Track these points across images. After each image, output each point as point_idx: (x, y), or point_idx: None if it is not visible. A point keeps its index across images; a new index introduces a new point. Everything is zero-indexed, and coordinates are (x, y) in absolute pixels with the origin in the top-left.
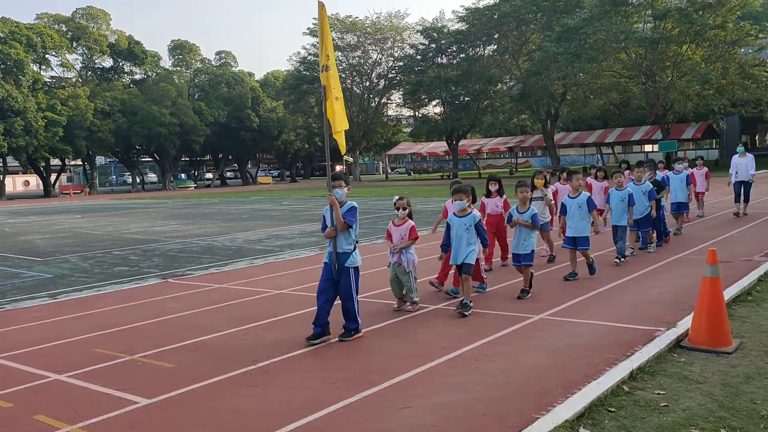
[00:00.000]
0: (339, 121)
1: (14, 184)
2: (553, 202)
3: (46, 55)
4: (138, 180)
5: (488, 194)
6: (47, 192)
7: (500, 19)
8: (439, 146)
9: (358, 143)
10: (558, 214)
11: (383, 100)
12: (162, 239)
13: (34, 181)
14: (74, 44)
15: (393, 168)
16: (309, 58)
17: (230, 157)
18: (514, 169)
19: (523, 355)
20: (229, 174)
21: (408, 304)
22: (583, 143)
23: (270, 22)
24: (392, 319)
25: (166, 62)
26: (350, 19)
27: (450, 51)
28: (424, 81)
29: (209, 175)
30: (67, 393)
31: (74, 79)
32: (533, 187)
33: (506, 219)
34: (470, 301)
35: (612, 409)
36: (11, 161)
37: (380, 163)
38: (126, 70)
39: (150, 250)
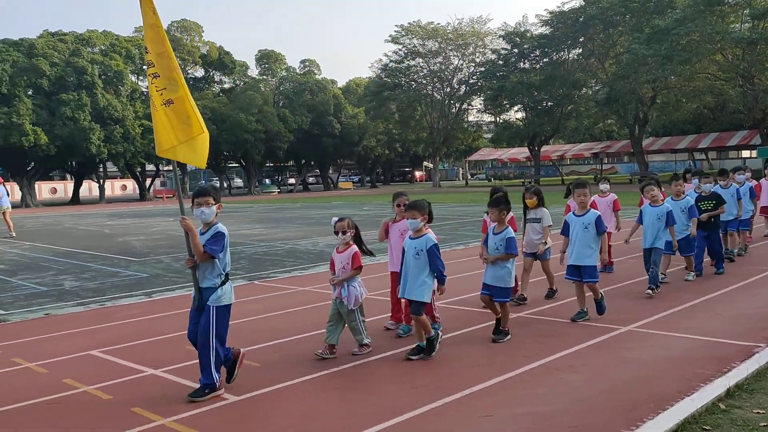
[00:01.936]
0: (171, 133)
1: (113, 188)
2: (550, 228)
3: (144, 66)
4: (225, 185)
5: (524, 207)
6: (142, 196)
7: (586, 22)
8: (521, 152)
9: (438, 149)
10: (561, 233)
11: (464, 106)
12: (248, 242)
13: (131, 186)
14: None
15: (473, 174)
16: (390, 65)
17: (312, 162)
18: (599, 176)
19: (610, 368)
20: (311, 179)
21: (356, 347)
22: (674, 149)
23: (352, 30)
24: (471, 326)
25: (253, 71)
26: (432, 26)
27: (533, 55)
28: (506, 86)
29: (292, 181)
30: (162, 387)
31: None
32: (526, 207)
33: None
34: (435, 339)
35: (707, 428)
36: (110, 167)
37: (460, 169)
38: (216, 79)
39: (236, 253)
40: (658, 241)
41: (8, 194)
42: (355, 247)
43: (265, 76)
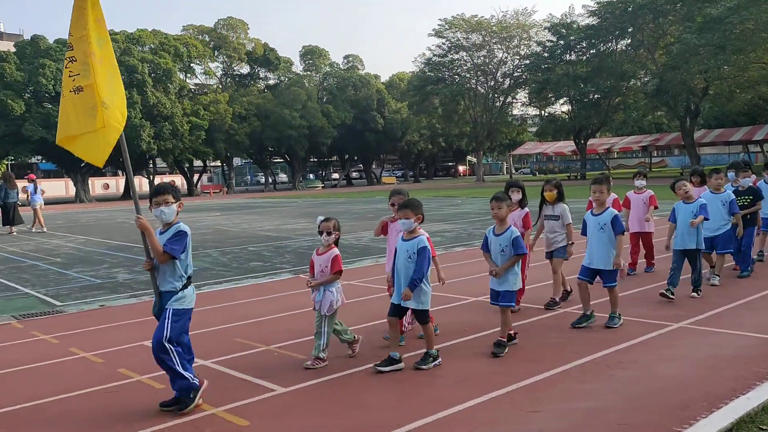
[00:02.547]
0: (73, 122)
1: None
2: (571, 226)
3: (191, 64)
4: (270, 180)
5: None
6: (190, 191)
7: (635, 12)
8: (566, 146)
9: (482, 143)
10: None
11: (508, 100)
12: (292, 236)
13: (179, 181)
14: (216, 53)
15: (517, 168)
16: (434, 59)
17: (356, 157)
18: (647, 170)
19: (661, 365)
20: (354, 174)
21: (311, 360)
22: (727, 141)
23: (397, 24)
24: (521, 320)
25: (297, 67)
26: (475, 19)
27: (579, 47)
28: (551, 79)
29: (336, 176)
30: (210, 378)
31: (215, 86)
32: (544, 201)
33: (482, 245)
34: (434, 350)
35: (764, 427)
36: (159, 162)
37: (504, 163)
38: (261, 75)
39: (282, 247)
40: (692, 241)
41: (40, 191)
42: (336, 250)
43: (309, 72)
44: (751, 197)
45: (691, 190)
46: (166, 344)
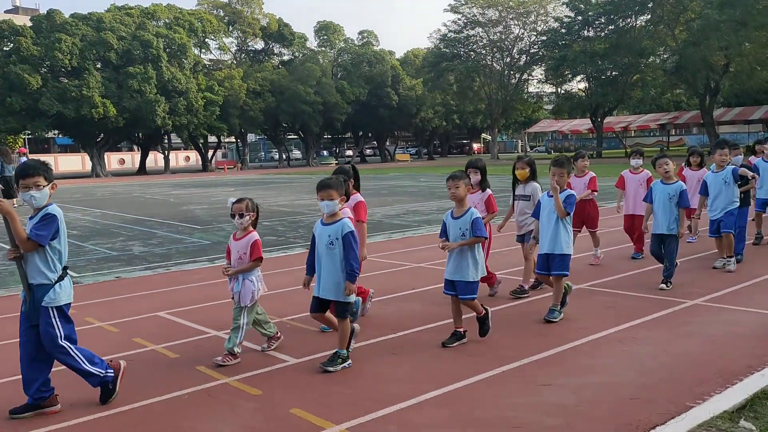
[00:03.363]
0: None
1: (177, 159)
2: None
3: (206, 39)
4: (284, 156)
5: None
6: (205, 167)
7: None
8: (583, 123)
9: (497, 121)
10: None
11: (524, 77)
12: (306, 212)
13: (194, 157)
14: (230, 28)
15: (532, 146)
16: (450, 35)
17: (369, 134)
18: (665, 148)
19: (676, 341)
20: (368, 151)
21: (222, 355)
22: (747, 119)
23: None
24: (527, 298)
25: (312, 43)
26: None
27: (598, 23)
28: (568, 56)
29: (350, 152)
30: (224, 348)
31: (229, 61)
32: (516, 181)
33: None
34: (345, 351)
35: None
36: (174, 138)
37: (519, 141)
38: (275, 51)
39: (295, 222)
40: (673, 227)
41: None
42: (255, 235)
43: (323, 48)
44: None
45: (672, 170)
46: (64, 344)
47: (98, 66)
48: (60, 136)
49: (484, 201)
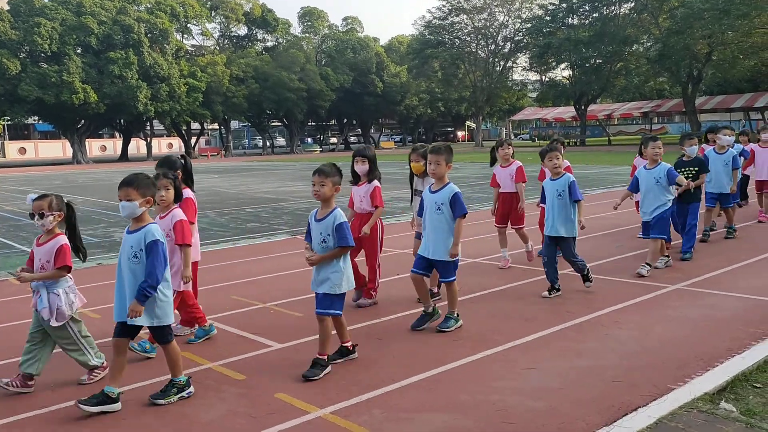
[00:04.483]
0: None
1: (160, 146)
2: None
3: (188, 24)
4: (268, 143)
5: (354, 178)
6: (188, 154)
7: None
8: (567, 111)
9: (481, 108)
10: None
11: (509, 64)
12: (290, 198)
13: (177, 144)
14: (213, 13)
15: (516, 134)
16: (434, 22)
17: (354, 122)
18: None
19: (658, 325)
20: (352, 138)
21: (86, 374)
22: (729, 108)
23: None
24: (514, 282)
25: (296, 29)
26: None
27: (582, 10)
28: (552, 43)
29: (334, 140)
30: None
31: (212, 47)
32: (413, 175)
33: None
34: (183, 377)
35: (758, 385)
36: (157, 125)
37: (503, 129)
38: (259, 37)
39: (279, 209)
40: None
41: None
42: (62, 239)
43: (307, 34)
44: (696, 168)
45: (560, 164)
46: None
47: (78, 51)
48: (40, 122)
49: (370, 194)
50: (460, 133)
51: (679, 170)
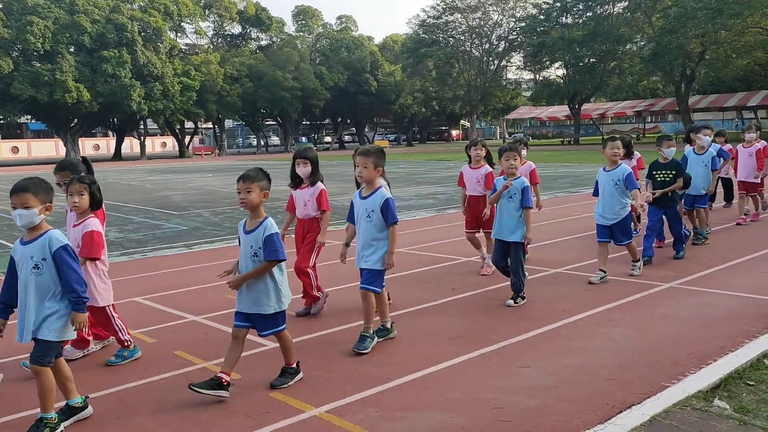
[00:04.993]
0: None
1: (153, 145)
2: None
3: (182, 23)
4: (262, 142)
5: (294, 181)
6: (182, 153)
7: None
8: (560, 110)
9: (475, 107)
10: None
11: (503, 63)
12: (284, 197)
13: (170, 143)
14: (206, 12)
15: (510, 133)
16: (428, 20)
17: (348, 121)
18: (641, 135)
19: (651, 323)
20: (347, 137)
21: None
22: (722, 107)
23: None
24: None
25: (290, 28)
26: None
27: (576, 10)
28: (546, 42)
29: (328, 139)
30: (202, 333)
31: (206, 46)
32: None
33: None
34: (80, 398)
35: (751, 383)
36: (150, 124)
37: (497, 128)
38: (253, 36)
39: (273, 207)
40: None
41: None
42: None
43: (301, 33)
44: (673, 172)
45: (517, 164)
46: None
47: (71, 50)
48: (33, 121)
49: (315, 198)
50: (454, 132)
51: (654, 172)
